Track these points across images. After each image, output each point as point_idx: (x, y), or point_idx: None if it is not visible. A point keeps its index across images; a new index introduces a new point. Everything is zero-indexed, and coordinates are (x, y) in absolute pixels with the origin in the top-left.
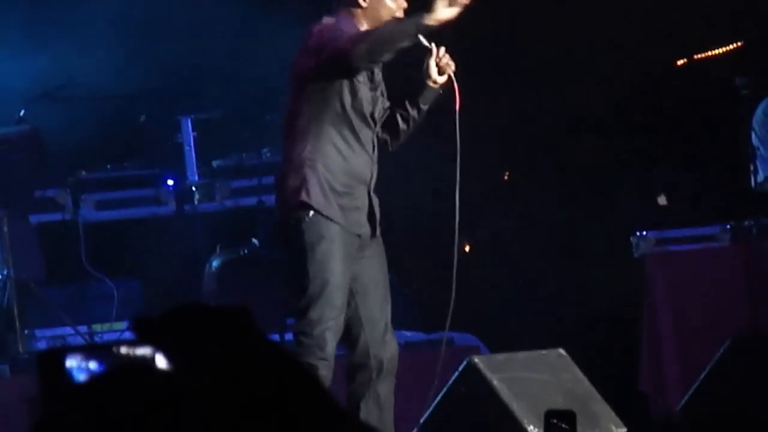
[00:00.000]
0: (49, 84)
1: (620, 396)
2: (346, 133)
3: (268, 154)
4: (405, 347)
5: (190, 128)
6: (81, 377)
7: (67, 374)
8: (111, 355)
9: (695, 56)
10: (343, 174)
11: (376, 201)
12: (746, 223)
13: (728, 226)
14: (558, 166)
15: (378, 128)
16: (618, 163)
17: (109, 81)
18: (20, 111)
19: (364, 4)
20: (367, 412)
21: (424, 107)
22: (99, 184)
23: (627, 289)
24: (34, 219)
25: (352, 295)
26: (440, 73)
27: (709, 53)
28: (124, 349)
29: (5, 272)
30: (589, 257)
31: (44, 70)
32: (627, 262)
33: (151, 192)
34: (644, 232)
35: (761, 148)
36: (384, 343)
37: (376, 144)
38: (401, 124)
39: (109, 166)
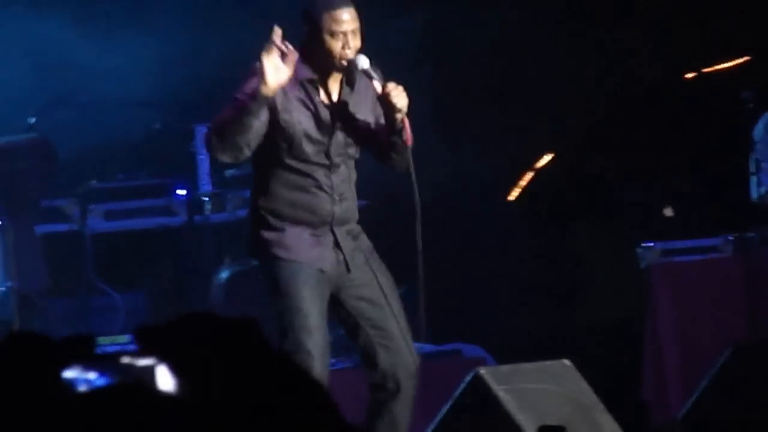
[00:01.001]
0: (60, 91)
1: (623, 405)
2: (295, 177)
3: None
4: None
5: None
6: (80, 388)
7: (65, 384)
8: (112, 367)
9: (703, 70)
10: (291, 209)
11: (346, 237)
12: (748, 234)
13: (731, 238)
14: (565, 177)
15: (340, 161)
16: (625, 174)
17: (123, 88)
18: (30, 119)
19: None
20: (376, 430)
21: (394, 139)
22: (108, 194)
23: (632, 299)
24: (39, 229)
25: (357, 324)
26: (397, 111)
27: (717, 67)
28: (126, 360)
29: (8, 284)
30: (595, 268)
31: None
32: (633, 272)
33: (162, 202)
34: (650, 243)
35: (764, 163)
36: (402, 362)
37: (345, 178)
38: (392, 154)
39: (120, 176)
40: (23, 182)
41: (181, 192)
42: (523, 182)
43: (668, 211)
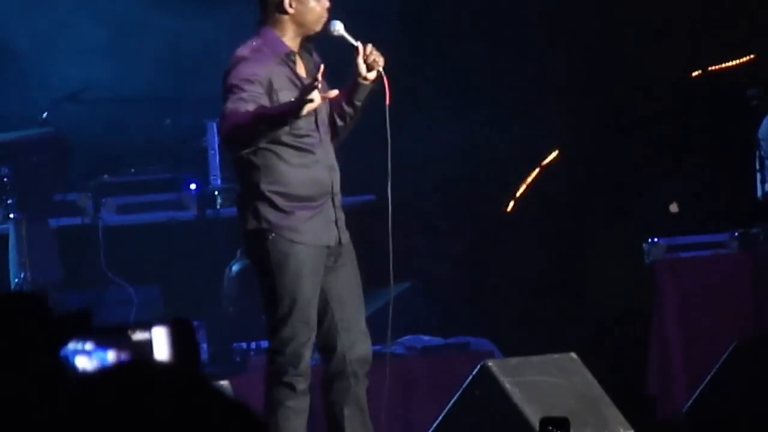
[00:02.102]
0: (73, 86)
1: (628, 398)
2: (292, 150)
3: None
4: (422, 352)
5: (216, 132)
6: (78, 359)
7: (65, 360)
8: (109, 339)
9: (709, 68)
10: (301, 189)
11: (339, 208)
12: (754, 230)
13: (736, 234)
14: (571, 172)
15: (325, 134)
16: (631, 171)
17: (135, 84)
18: (43, 113)
19: (290, 11)
20: (352, 417)
21: (358, 104)
22: (121, 188)
23: (638, 294)
24: (53, 222)
25: (327, 304)
26: (369, 69)
27: (723, 65)
28: (122, 333)
29: (22, 275)
30: (601, 263)
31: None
32: (638, 268)
33: (174, 196)
34: (656, 239)
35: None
36: (358, 348)
37: (330, 150)
38: (338, 122)
39: (132, 170)
40: (37, 176)
41: (193, 186)
42: (530, 179)
43: (674, 207)
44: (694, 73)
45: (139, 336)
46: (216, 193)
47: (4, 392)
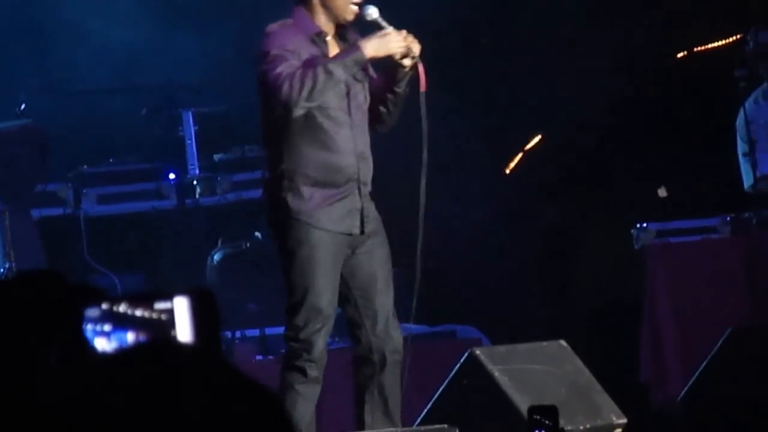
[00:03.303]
0: (51, 77)
1: (621, 387)
2: (321, 136)
3: None
4: (409, 340)
5: (192, 122)
6: (98, 343)
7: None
8: (127, 318)
9: (695, 49)
10: (325, 176)
11: (367, 198)
12: (746, 215)
13: (728, 218)
14: (558, 158)
15: (359, 121)
16: (618, 155)
17: (110, 74)
18: (21, 105)
19: None
20: (372, 404)
21: (399, 90)
22: (100, 178)
23: (628, 280)
24: (35, 213)
25: (350, 291)
26: (404, 56)
27: (709, 46)
28: (141, 312)
29: (6, 266)
30: (590, 249)
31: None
32: (628, 253)
33: (153, 186)
34: (645, 224)
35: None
36: (387, 336)
37: (363, 138)
38: (381, 108)
39: (110, 160)
40: (17, 167)
41: (171, 176)
42: (514, 163)
43: (662, 192)
44: (680, 55)
45: (160, 305)
46: (195, 182)
47: (29, 374)
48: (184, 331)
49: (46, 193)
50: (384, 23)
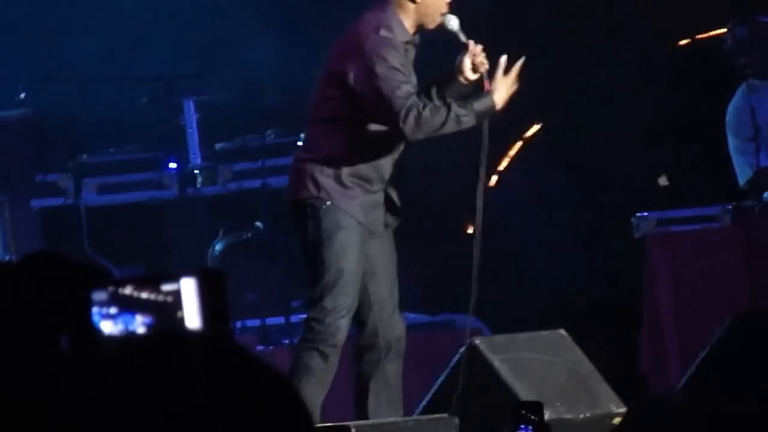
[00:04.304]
0: (50, 67)
1: (620, 376)
2: (372, 132)
3: (272, 137)
4: (409, 329)
5: (193, 111)
6: (104, 326)
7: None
8: (134, 302)
9: (697, 36)
10: (366, 169)
11: (394, 195)
12: (747, 203)
13: (729, 207)
14: (559, 147)
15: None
16: (619, 143)
17: (111, 63)
18: (20, 94)
19: (419, 0)
20: (377, 392)
21: (450, 100)
22: (101, 168)
23: (628, 269)
24: (35, 204)
25: (362, 275)
26: (474, 71)
27: (711, 33)
28: (147, 294)
29: (7, 257)
30: (589, 238)
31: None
32: (628, 242)
33: (154, 175)
34: (645, 213)
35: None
36: (392, 323)
37: (400, 140)
38: None
39: (111, 150)
40: (16, 157)
41: (172, 165)
42: (512, 152)
43: (663, 180)
44: (682, 42)
45: (167, 287)
46: (196, 172)
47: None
48: (191, 313)
49: (46, 183)
50: (462, 35)
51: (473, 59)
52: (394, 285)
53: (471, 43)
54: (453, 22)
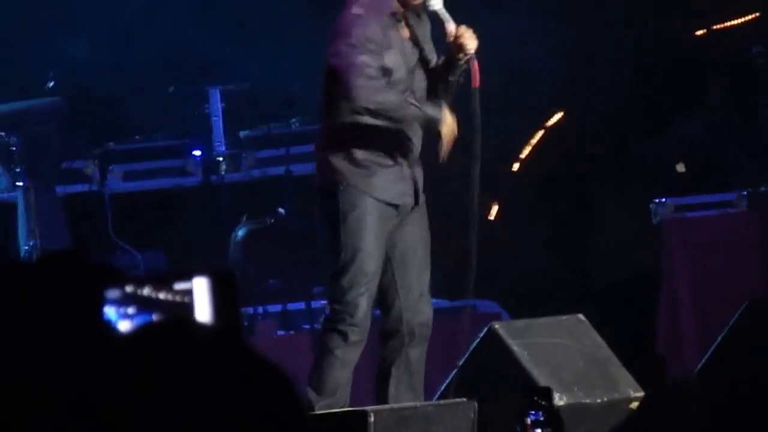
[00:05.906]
0: (78, 56)
1: (638, 360)
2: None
3: (297, 124)
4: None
5: (219, 99)
6: (122, 326)
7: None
8: (149, 301)
9: (714, 26)
10: (381, 147)
11: (419, 170)
12: (763, 189)
13: (745, 193)
14: (577, 133)
15: (420, 95)
16: (637, 130)
17: (138, 51)
18: (50, 82)
19: None
20: (398, 377)
21: (452, 80)
22: (126, 155)
23: (645, 255)
24: (60, 190)
25: (389, 261)
26: (459, 50)
27: (728, 24)
28: (162, 295)
29: (31, 243)
30: (608, 224)
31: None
32: (646, 228)
33: (179, 163)
34: (663, 199)
35: None
36: (418, 309)
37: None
38: (441, 91)
39: (136, 137)
40: (44, 145)
41: (197, 153)
42: (534, 140)
43: (680, 167)
44: (699, 32)
45: (180, 286)
46: (220, 159)
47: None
48: (203, 311)
49: (71, 169)
50: (444, 15)
51: (456, 39)
52: (424, 269)
53: (450, 24)
54: (434, 2)
